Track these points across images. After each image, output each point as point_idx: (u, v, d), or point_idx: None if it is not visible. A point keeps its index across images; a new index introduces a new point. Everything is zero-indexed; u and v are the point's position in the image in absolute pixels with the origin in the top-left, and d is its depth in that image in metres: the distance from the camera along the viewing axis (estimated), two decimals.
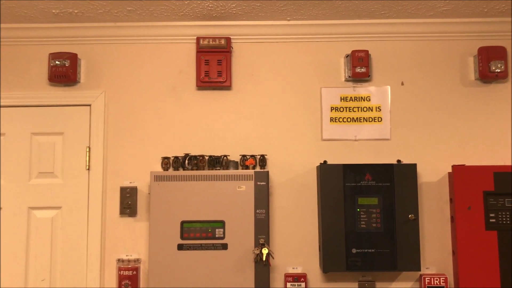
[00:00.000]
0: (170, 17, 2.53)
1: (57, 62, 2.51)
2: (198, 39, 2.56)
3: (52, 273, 2.49)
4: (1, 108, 2.57)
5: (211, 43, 2.55)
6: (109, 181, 2.54)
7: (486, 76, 2.53)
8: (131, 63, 2.62)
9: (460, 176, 2.39)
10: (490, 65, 2.51)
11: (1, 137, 2.56)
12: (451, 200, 2.48)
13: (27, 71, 2.60)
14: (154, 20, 2.56)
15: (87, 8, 2.40)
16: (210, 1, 2.34)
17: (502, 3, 2.38)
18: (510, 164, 2.51)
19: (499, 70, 2.50)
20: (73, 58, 2.53)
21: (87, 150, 2.55)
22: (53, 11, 2.42)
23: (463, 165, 2.44)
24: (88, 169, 2.54)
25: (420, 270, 2.35)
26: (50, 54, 2.54)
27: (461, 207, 2.37)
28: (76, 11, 2.43)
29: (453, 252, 2.45)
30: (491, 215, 2.36)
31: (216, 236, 2.36)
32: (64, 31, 2.59)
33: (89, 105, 2.58)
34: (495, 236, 2.34)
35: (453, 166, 2.43)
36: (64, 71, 2.51)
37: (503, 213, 2.35)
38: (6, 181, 2.53)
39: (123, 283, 2.41)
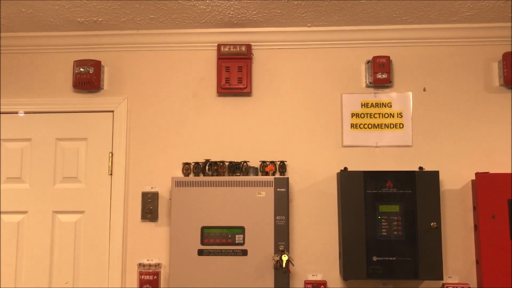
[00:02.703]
0: (192, 25, 2.56)
1: (81, 69, 2.56)
2: (219, 46, 2.58)
3: (75, 276, 2.54)
4: (28, 114, 2.64)
5: (231, 50, 2.57)
6: (131, 186, 2.58)
7: (511, 82, 2.48)
8: (153, 70, 2.66)
9: (484, 184, 2.35)
10: None
11: (28, 143, 2.62)
12: (474, 208, 2.43)
13: (53, 78, 2.67)
14: (176, 28, 2.60)
15: (111, 17, 2.45)
16: (231, 8, 2.36)
17: None
18: None
19: None
20: (97, 65, 2.59)
21: (110, 155, 2.59)
22: (78, 19, 2.48)
23: (487, 172, 2.40)
24: (111, 174, 2.58)
25: (442, 279, 2.31)
26: (75, 61, 2.59)
27: (485, 215, 2.33)
28: (100, 20, 2.48)
29: (477, 261, 2.41)
30: None
31: (236, 242, 2.37)
32: (89, 39, 2.65)
33: (112, 111, 2.63)
34: None
35: (477, 174, 2.39)
36: (88, 78, 2.56)
37: None
38: (32, 185, 2.59)
39: (144, 287, 2.43)
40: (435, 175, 2.36)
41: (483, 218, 2.33)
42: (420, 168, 2.46)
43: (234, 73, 2.57)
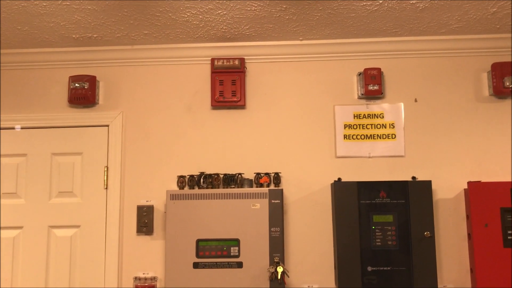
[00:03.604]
0: (186, 39, 2.59)
1: (76, 84, 2.59)
2: (212, 60, 2.62)
3: None
4: (24, 129, 2.65)
5: (225, 63, 2.60)
6: (126, 200, 2.59)
7: (500, 91, 2.52)
8: (147, 85, 2.69)
9: (476, 192, 2.37)
10: (504, 81, 2.50)
11: (23, 158, 2.64)
12: (467, 217, 2.45)
13: (48, 94, 2.69)
14: (170, 43, 2.63)
15: (106, 33, 2.49)
16: (224, 23, 2.40)
17: None
18: None
19: None
20: (92, 81, 2.61)
21: (105, 169, 2.61)
22: (73, 36, 2.51)
23: (479, 181, 2.43)
24: (106, 188, 2.60)
25: None
26: (70, 77, 2.62)
27: (478, 224, 2.35)
28: (95, 36, 2.52)
29: (471, 270, 2.42)
30: (509, 232, 2.33)
31: (231, 254, 2.38)
32: (84, 55, 2.68)
33: (107, 126, 2.65)
34: None
35: (469, 183, 2.41)
36: (83, 93, 2.59)
37: None
38: (27, 200, 2.60)
39: None
40: (427, 184, 2.39)
41: (476, 227, 2.35)
42: (413, 177, 2.49)
43: (228, 86, 2.60)
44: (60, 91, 2.69)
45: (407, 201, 2.37)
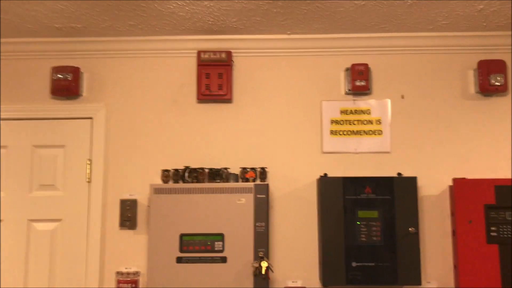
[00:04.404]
0: (172, 32, 2.56)
1: (59, 75, 2.54)
2: (199, 52, 2.58)
3: (51, 285, 2.49)
4: (3, 121, 2.59)
5: (212, 56, 2.57)
6: (109, 193, 2.55)
7: (486, 89, 2.53)
8: (133, 77, 2.64)
9: (461, 189, 2.38)
10: (490, 79, 2.51)
11: (3, 150, 2.58)
12: (452, 213, 2.46)
13: (30, 85, 2.63)
14: (156, 35, 2.59)
15: (90, 23, 2.44)
16: (211, 15, 2.37)
17: (501, 17, 2.40)
18: (510, 177, 2.50)
19: (499, 84, 2.51)
20: (76, 72, 2.56)
21: (88, 162, 2.56)
22: (56, 25, 2.46)
23: (464, 178, 2.44)
24: (89, 181, 2.55)
25: (420, 284, 2.33)
26: (53, 67, 2.57)
27: (462, 220, 2.36)
28: (79, 26, 2.47)
29: (455, 266, 2.43)
30: (492, 228, 2.34)
31: (216, 249, 2.35)
32: (67, 45, 2.62)
33: (91, 118, 2.60)
34: (496, 250, 2.32)
35: (454, 180, 2.42)
36: (66, 85, 2.54)
37: (504, 226, 2.33)
38: (7, 193, 2.54)
39: None
40: (413, 181, 2.39)
41: (460, 223, 2.36)
42: (399, 174, 2.49)
43: (215, 79, 2.57)
44: (42, 82, 2.63)
45: (393, 197, 2.36)
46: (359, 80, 2.55)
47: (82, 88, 2.62)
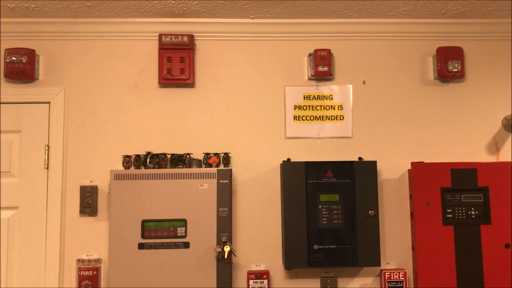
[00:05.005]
0: (132, 14, 2.49)
1: (13, 58, 2.44)
2: (160, 36, 2.53)
3: (9, 275, 2.42)
4: None
5: (173, 40, 2.53)
6: (68, 180, 2.49)
7: (444, 75, 2.59)
8: (92, 60, 2.57)
9: (419, 173, 2.45)
10: (447, 65, 2.58)
11: None
12: (410, 196, 2.53)
13: None
14: (115, 17, 2.52)
15: (45, 3, 2.34)
16: None
17: (459, 5, 2.45)
18: (466, 161, 2.58)
19: (456, 70, 2.57)
20: (31, 54, 2.47)
21: (46, 148, 2.49)
22: (8, 5, 2.35)
23: (422, 162, 2.50)
24: (47, 168, 2.48)
25: (380, 266, 2.39)
26: (6, 49, 2.46)
27: (420, 203, 2.43)
28: (32, 6, 2.37)
29: (413, 247, 2.51)
30: (448, 210, 2.42)
31: (178, 234, 2.34)
32: (21, 26, 2.52)
33: (48, 103, 2.52)
34: (452, 231, 2.40)
35: (412, 163, 2.48)
36: (21, 68, 2.44)
37: (460, 208, 2.42)
38: None
39: (83, 283, 2.36)
40: (373, 165, 2.44)
41: (418, 206, 2.43)
42: (360, 158, 2.53)
43: (176, 63, 2.53)
44: None
45: (353, 181, 2.41)
46: (322, 66, 2.57)
47: (38, 71, 2.53)
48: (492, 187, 2.42)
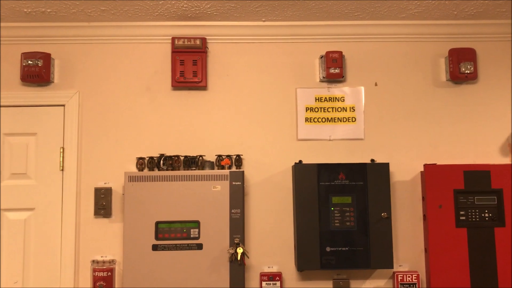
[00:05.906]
0: (145, 17, 2.52)
1: (29, 61, 2.48)
2: (173, 39, 2.56)
3: (25, 275, 2.46)
4: None
5: (186, 43, 2.55)
6: (83, 182, 2.52)
7: (456, 77, 2.58)
8: (105, 63, 2.60)
9: (432, 175, 2.44)
10: (460, 67, 2.57)
11: None
12: (423, 198, 2.52)
13: None
14: (129, 20, 2.55)
15: (60, 8, 2.38)
16: (185, 1, 2.34)
17: (471, 6, 2.44)
18: (479, 163, 2.57)
19: (468, 71, 2.56)
20: (46, 58, 2.51)
21: (61, 150, 2.53)
22: (25, 10, 2.39)
23: (435, 164, 2.50)
24: (62, 170, 2.52)
25: (393, 268, 2.39)
26: (22, 53, 2.51)
27: (432, 205, 2.42)
28: (48, 10, 2.41)
29: (425, 250, 2.50)
30: (461, 212, 2.41)
31: (191, 236, 2.36)
32: (37, 31, 2.56)
33: (63, 105, 2.56)
34: (465, 233, 2.39)
35: (425, 165, 2.48)
36: (37, 71, 2.48)
37: (473, 210, 2.41)
38: None
39: (97, 284, 2.39)
40: (385, 167, 2.44)
41: (431, 208, 2.42)
42: (372, 160, 2.53)
43: (189, 66, 2.55)
44: (11, 69, 2.56)
45: (365, 183, 2.41)
46: (333, 68, 2.57)
47: (53, 75, 2.57)
48: (506, 189, 2.41)
